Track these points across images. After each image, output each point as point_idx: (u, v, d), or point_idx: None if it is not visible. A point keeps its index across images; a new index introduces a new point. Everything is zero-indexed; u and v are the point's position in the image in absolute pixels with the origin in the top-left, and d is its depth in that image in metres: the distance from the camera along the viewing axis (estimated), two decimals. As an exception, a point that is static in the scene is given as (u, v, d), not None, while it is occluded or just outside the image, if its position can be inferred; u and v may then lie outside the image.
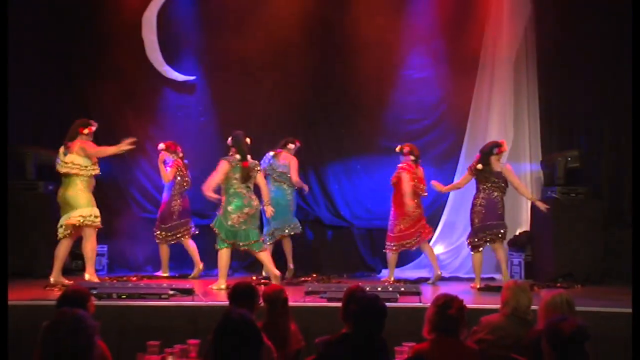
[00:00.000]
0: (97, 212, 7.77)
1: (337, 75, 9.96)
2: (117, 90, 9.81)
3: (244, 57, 9.69)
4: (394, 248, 8.62)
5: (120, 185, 9.78)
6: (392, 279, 8.62)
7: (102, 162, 8.13)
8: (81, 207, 7.69)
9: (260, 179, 8.05)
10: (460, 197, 9.54)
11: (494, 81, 9.75)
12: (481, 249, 8.23)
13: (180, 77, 9.99)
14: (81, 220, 7.68)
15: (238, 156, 7.88)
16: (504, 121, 9.66)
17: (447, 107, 9.97)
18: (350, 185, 10.04)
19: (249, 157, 7.93)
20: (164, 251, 8.96)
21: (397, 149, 8.75)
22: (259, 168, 8.08)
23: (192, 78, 10.03)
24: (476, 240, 8.21)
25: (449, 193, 9.47)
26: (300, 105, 9.98)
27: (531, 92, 9.73)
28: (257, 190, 8.06)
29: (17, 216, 8.81)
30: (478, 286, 8.10)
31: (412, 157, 8.63)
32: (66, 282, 7.68)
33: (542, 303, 4.32)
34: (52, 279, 7.76)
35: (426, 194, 8.74)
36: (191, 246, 8.92)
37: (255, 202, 7.94)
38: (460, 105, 9.86)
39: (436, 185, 8.56)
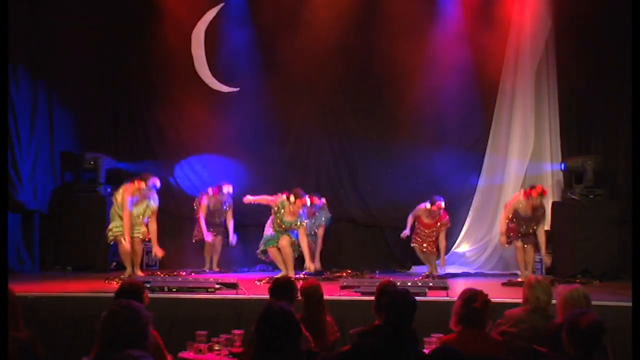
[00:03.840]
0: (111, 225, 8.10)
1: (370, 87, 9.95)
2: (169, 102, 9.96)
3: (284, 70, 9.73)
4: None
5: (171, 189, 9.88)
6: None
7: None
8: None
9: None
10: (485, 198, 9.48)
11: (516, 89, 9.66)
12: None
13: (225, 88, 10.08)
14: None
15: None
16: (525, 126, 9.58)
17: (471, 116, 9.89)
18: (381, 187, 10.00)
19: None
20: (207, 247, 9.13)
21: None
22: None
23: (236, 90, 10.11)
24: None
25: (474, 194, 9.48)
26: (337, 114, 10.02)
27: (552, 97, 9.62)
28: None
29: (80, 216, 8.98)
30: None
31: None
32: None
33: (560, 298, 4.26)
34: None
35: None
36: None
37: None
38: (484, 114, 9.78)
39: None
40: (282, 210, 8.15)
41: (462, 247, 9.54)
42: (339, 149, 9.92)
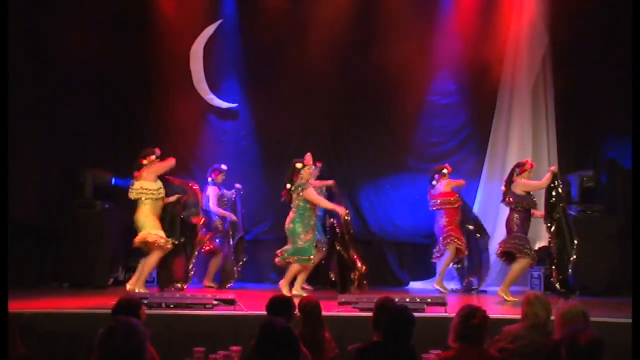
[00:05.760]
0: (161, 233, 7.70)
1: (368, 101, 10.00)
2: (167, 117, 9.95)
3: (281, 85, 9.78)
4: None
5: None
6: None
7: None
8: (146, 229, 7.68)
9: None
10: (484, 213, 9.49)
11: (513, 105, 9.74)
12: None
13: (223, 104, 10.11)
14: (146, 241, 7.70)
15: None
16: (523, 142, 9.61)
17: (469, 131, 9.96)
18: (379, 202, 10.01)
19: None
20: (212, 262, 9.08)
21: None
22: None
23: (234, 105, 10.14)
24: None
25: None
26: (334, 128, 10.09)
27: (550, 113, 9.66)
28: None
29: (77, 232, 8.94)
30: None
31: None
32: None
33: (558, 314, 4.25)
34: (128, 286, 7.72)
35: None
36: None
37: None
38: (481, 129, 9.84)
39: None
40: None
41: (462, 263, 9.52)
42: (337, 163, 9.94)
